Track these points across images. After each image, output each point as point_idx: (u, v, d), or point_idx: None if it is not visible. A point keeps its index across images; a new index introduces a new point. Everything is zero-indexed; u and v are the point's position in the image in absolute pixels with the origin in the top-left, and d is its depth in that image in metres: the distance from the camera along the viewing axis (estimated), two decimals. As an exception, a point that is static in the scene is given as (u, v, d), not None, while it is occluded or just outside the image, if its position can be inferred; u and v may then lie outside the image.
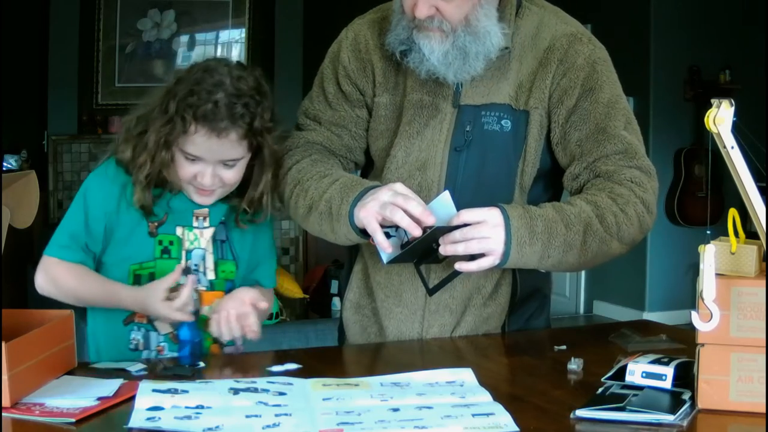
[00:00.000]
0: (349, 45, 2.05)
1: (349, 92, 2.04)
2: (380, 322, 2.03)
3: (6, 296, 1.65)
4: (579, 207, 1.84)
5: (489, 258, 1.78)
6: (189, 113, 1.82)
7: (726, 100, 1.38)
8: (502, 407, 1.44)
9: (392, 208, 1.76)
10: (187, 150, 1.86)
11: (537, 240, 1.79)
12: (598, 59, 1.96)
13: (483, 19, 1.88)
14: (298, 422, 1.38)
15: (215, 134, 1.83)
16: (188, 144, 1.85)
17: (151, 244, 1.93)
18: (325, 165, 1.99)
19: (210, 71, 1.87)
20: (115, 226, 1.92)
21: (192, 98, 1.83)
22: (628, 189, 1.88)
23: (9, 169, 5.91)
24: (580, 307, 6.99)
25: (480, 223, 1.76)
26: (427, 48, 1.87)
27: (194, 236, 1.96)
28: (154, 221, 1.93)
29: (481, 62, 1.89)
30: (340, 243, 1.94)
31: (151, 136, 1.87)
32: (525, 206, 1.84)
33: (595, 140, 1.92)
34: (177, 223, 1.95)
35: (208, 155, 1.86)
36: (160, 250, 1.94)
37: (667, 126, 6.41)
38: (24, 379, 1.49)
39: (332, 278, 5.44)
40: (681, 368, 1.51)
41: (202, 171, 1.88)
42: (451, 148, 1.94)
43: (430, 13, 1.85)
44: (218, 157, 1.87)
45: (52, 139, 6.65)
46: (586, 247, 1.83)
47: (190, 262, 1.95)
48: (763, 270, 1.50)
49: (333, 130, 2.05)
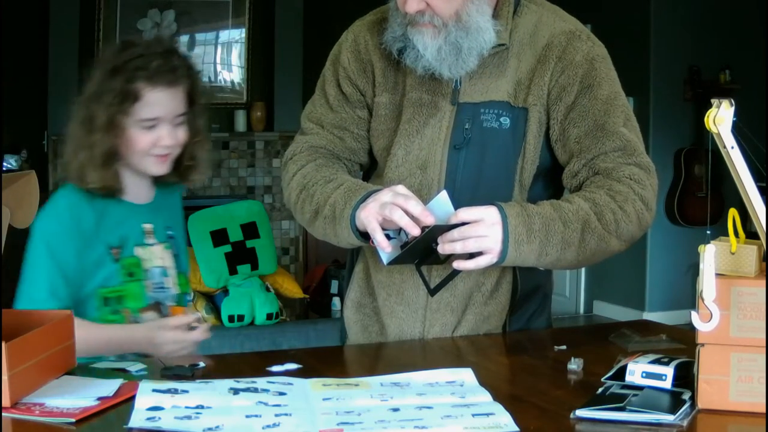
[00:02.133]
0: (349, 47, 2.06)
1: (350, 93, 2.05)
2: (382, 321, 2.03)
3: (6, 296, 1.65)
4: (577, 204, 1.84)
5: (487, 256, 1.78)
6: (141, 75, 1.90)
7: (726, 100, 1.38)
8: (502, 407, 1.44)
9: (392, 208, 1.76)
10: (144, 116, 1.92)
11: (534, 238, 1.79)
12: (596, 56, 1.96)
13: (474, 14, 1.88)
14: (298, 422, 1.38)
15: (169, 87, 1.92)
16: (144, 109, 1.91)
17: (118, 270, 1.97)
18: (329, 169, 2.00)
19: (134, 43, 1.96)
20: (85, 258, 1.94)
21: (137, 61, 1.91)
22: (626, 186, 1.88)
23: (9, 169, 5.90)
24: (580, 307, 6.99)
25: (477, 221, 1.76)
26: (420, 44, 1.89)
27: (150, 254, 2.02)
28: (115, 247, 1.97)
29: (473, 58, 1.90)
30: (344, 246, 1.95)
31: (100, 117, 1.91)
32: (523, 204, 1.84)
33: (593, 137, 1.92)
34: (135, 244, 2.00)
35: (165, 112, 1.93)
36: (126, 274, 1.98)
37: (667, 126, 6.41)
38: (24, 379, 1.49)
39: (332, 278, 5.44)
40: (681, 368, 1.51)
41: (160, 134, 1.94)
42: (451, 146, 1.95)
43: (419, 7, 1.86)
44: (173, 112, 1.95)
45: (52, 139, 6.64)
46: (585, 244, 1.83)
47: (150, 283, 2.01)
48: (763, 270, 1.50)
49: (335, 132, 2.06)
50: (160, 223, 2.07)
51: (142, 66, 1.90)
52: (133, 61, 1.91)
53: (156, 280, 2.03)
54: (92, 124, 1.93)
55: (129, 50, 1.94)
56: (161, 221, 2.07)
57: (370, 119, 2.06)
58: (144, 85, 1.91)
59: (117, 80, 1.91)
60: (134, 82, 1.90)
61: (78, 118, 1.96)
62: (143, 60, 1.91)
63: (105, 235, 1.97)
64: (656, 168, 1.96)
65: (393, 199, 1.78)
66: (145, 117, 1.92)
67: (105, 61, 1.95)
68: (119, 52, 1.95)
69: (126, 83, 1.90)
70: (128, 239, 2.00)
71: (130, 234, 2.00)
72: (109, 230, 1.97)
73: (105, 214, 1.97)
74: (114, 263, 1.97)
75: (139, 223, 2.02)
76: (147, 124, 1.93)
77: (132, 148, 1.95)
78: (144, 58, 1.91)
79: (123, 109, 1.91)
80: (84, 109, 1.95)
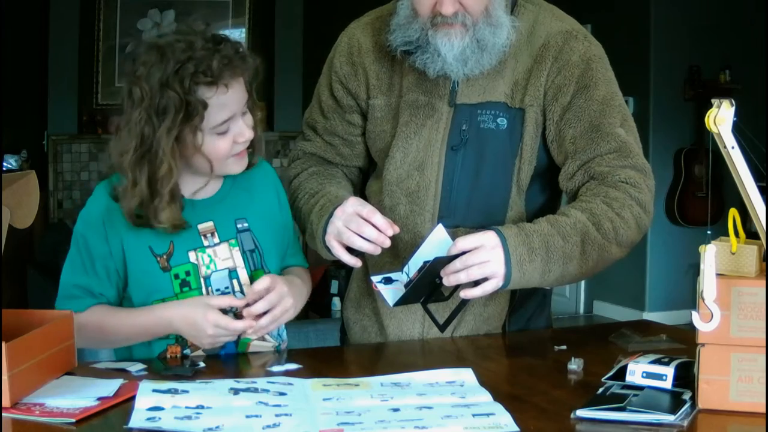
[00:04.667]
0: (342, 50, 2.07)
1: (341, 97, 2.06)
2: (381, 321, 2.03)
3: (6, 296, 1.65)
4: (574, 217, 1.84)
5: (492, 281, 1.77)
6: (201, 81, 1.65)
7: (726, 100, 1.38)
8: (502, 407, 1.44)
9: (349, 235, 1.80)
10: (216, 121, 1.69)
11: (536, 256, 1.78)
12: (593, 56, 1.95)
13: (498, 9, 1.89)
14: (298, 422, 1.38)
15: (232, 80, 1.69)
16: (215, 113, 1.68)
17: (168, 280, 1.76)
18: (318, 179, 2.02)
19: (174, 40, 1.68)
20: (127, 264, 1.76)
21: (188, 66, 1.65)
22: (622, 192, 1.87)
23: (9, 169, 5.91)
24: (580, 307, 6.99)
25: (477, 248, 1.76)
26: (445, 46, 1.87)
27: (209, 258, 1.78)
28: (162, 255, 1.76)
29: (495, 56, 1.90)
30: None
31: (162, 141, 1.66)
32: (519, 224, 1.83)
33: (589, 138, 1.91)
34: (187, 248, 1.77)
35: (235, 107, 1.72)
36: (179, 284, 1.76)
37: (667, 126, 6.41)
38: (24, 379, 1.49)
39: (332, 278, 5.44)
40: (681, 368, 1.51)
41: (236, 131, 1.73)
42: (448, 147, 1.95)
43: (455, 8, 1.86)
44: (243, 101, 1.74)
45: (52, 139, 6.65)
46: (586, 256, 1.83)
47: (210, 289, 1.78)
48: (763, 270, 1.50)
49: (326, 138, 2.08)
50: (228, 216, 1.82)
51: (197, 69, 1.64)
52: (184, 67, 1.64)
53: (219, 286, 1.79)
54: (153, 154, 1.67)
55: (171, 55, 1.65)
56: (229, 214, 1.82)
57: (362, 123, 2.07)
58: (207, 89, 1.66)
59: (172, 96, 1.64)
60: (195, 90, 1.65)
61: (132, 155, 1.68)
62: (196, 62, 1.65)
63: (148, 241, 1.75)
64: (656, 168, 1.96)
65: (346, 224, 1.81)
66: (219, 122, 1.69)
67: (146, 78, 1.66)
68: (160, 62, 1.66)
69: (186, 95, 1.64)
70: (179, 244, 1.76)
71: (181, 238, 1.76)
72: (155, 234, 1.74)
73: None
74: (163, 272, 1.76)
75: (194, 225, 1.77)
76: (222, 128, 1.71)
77: (207, 162, 1.72)
78: (196, 60, 1.65)
79: (189, 125, 1.66)
80: (137, 141, 1.67)
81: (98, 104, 6.85)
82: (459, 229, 1.93)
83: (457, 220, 1.94)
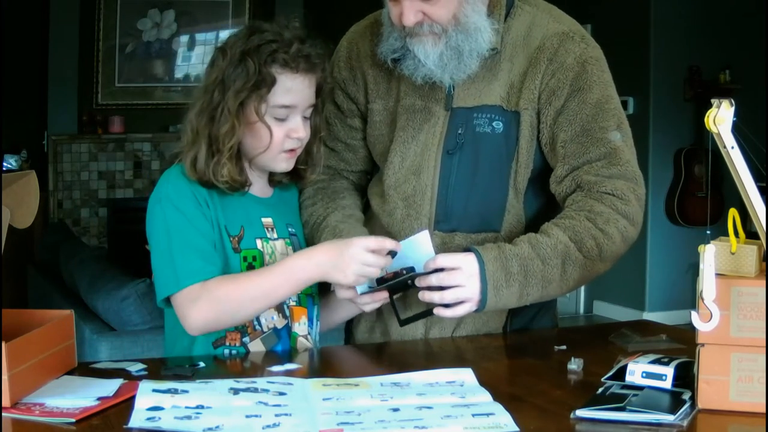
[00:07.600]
0: (342, 55, 2.07)
1: (341, 102, 2.06)
2: (385, 321, 2.03)
3: (6, 296, 1.64)
4: (555, 238, 1.83)
5: (465, 305, 1.79)
6: (278, 59, 1.78)
7: (726, 100, 1.38)
8: (502, 407, 1.44)
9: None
10: (279, 102, 1.79)
11: (514, 281, 1.79)
12: (589, 58, 1.93)
13: (471, 14, 1.88)
14: (298, 422, 1.38)
15: (306, 74, 1.81)
16: (280, 95, 1.79)
17: (238, 261, 1.83)
18: (324, 203, 2.00)
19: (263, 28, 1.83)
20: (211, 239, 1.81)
21: (272, 45, 1.78)
22: (608, 205, 1.86)
23: (9, 169, 5.91)
24: (580, 307, 6.99)
25: (455, 269, 1.77)
26: (422, 53, 1.87)
27: (271, 249, 1.87)
28: (234, 236, 1.82)
29: (475, 60, 1.89)
30: None
31: (229, 105, 1.77)
32: (500, 246, 1.82)
33: (578, 143, 1.90)
34: (255, 236, 1.86)
35: (300, 99, 1.82)
36: (246, 267, 1.83)
37: (667, 126, 6.41)
38: (24, 379, 1.49)
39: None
40: (681, 368, 1.51)
41: (292, 125, 1.82)
42: (444, 151, 1.94)
43: (417, 19, 1.85)
44: (306, 101, 1.83)
45: (52, 139, 6.65)
46: (566, 276, 1.83)
47: None
48: (763, 270, 1.50)
49: (329, 144, 2.08)
50: (281, 219, 1.93)
51: (278, 49, 1.78)
52: (268, 45, 1.78)
53: None
54: (218, 114, 1.78)
55: (260, 34, 1.80)
56: (282, 218, 1.93)
57: (362, 127, 2.07)
58: (281, 68, 1.79)
59: (249, 64, 1.77)
60: (270, 65, 1.78)
61: (198, 108, 1.81)
62: (279, 44, 1.79)
63: (224, 221, 1.82)
64: (656, 168, 1.96)
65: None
66: (281, 103, 1.79)
67: (231, 46, 1.81)
68: (248, 37, 1.81)
69: (261, 66, 1.77)
70: (248, 230, 1.85)
71: (250, 225, 1.85)
72: (228, 217, 1.83)
73: (223, 200, 1.83)
74: (234, 253, 1.82)
75: (258, 217, 1.87)
76: (281, 113, 1.80)
77: (260, 141, 1.81)
78: (279, 43, 1.79)
79: (256, 94, 1.78)
80: (207, 98, 1.80)
81: (98, 104, 6.86)
82: (456, 233, 1.93)
83: (454, 224, 1.94)
